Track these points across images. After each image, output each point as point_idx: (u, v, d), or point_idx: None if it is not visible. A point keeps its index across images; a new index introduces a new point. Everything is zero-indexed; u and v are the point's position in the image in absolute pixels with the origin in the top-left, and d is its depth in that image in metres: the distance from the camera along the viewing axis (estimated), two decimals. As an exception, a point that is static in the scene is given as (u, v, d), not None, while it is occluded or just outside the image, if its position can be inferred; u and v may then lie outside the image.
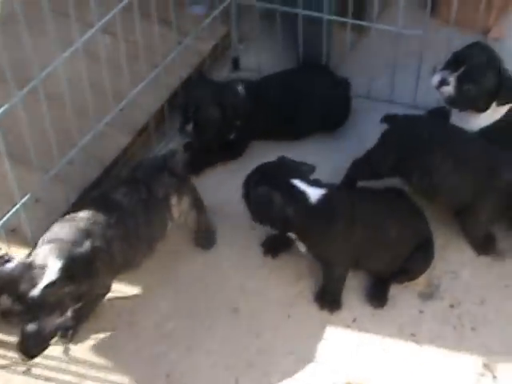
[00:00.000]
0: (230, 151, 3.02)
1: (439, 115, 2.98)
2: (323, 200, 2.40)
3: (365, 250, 2.50)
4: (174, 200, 2.46)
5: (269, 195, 2.38)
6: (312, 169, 2.50)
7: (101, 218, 2.29)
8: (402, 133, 2.66)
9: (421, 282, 2.59)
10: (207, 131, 2.90)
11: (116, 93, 2.75)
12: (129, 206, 2.35)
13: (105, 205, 2.35)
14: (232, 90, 2.92)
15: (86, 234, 2.24)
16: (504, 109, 2.73)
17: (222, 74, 3.33)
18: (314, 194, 2.40)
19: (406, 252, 2.53)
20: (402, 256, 2.53)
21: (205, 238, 2.72)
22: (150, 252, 2.46)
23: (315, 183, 2.44)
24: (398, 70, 3.14)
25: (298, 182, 2.41)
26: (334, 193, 2.46)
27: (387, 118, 2.73)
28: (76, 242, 2.20)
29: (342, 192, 2.54)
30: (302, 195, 2.39)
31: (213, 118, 2.87)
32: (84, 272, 2.18)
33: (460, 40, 2.86)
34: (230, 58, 3.39)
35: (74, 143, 2.63)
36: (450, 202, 2.65)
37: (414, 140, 2.62)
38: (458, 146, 2.61)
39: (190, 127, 2.88)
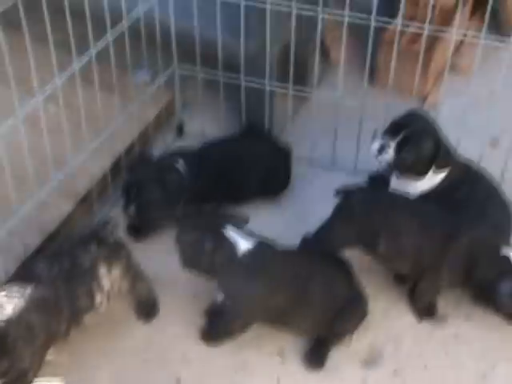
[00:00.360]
0: (177, 217, 3.02)
1: (379, 180, 3.05)
2: (250, 253, 2.46)
3: (288, 309, 2.50)
4: (102, 270, 2.44)
5: (200, 240, 2.44)
6: (245, 220, 2.55)
7: (17, 290, 2.27)
8: (363, 204, 2.67)
9: (364, 348, 2.60)
10: (149, 212, 2.93)
11: (59, 160, 2.75)
12: (48, 277, 2.33)
13: (23, 277, 2.34)
14: (172, 169, 2.93)
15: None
16: (441, 174, 2.80)
17: (167, 139, 3.36)
18: (243, 244, 2.46)
19: (332, 311, 2.52)
20: (328, 315, 2.53)
21: (146, 307, 2.68)
22: (77, 323, 2.42)
23: (247, 235, 2.50)
24: (339, 136, 3.21)
25: (229, 231, 2.47)
26: (262, 248, 2.50)
27: (342, 192, 2.72)
28: None
29: (269, 248, 2.56)
30: (232, 244, 2.46)
31: (153, 199, 2.90)
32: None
33: (398, 106, 2.95)
34: (174, 123, 3.41)
35: (13, 212, 2.60)
36: (411, 266, 2.66)
37: (378, 209, 2.65)
38: (419, 212, 2.67)
39: (132, 209, 2.93)
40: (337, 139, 3.20)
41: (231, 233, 2.47)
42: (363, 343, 2.61)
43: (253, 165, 3.04)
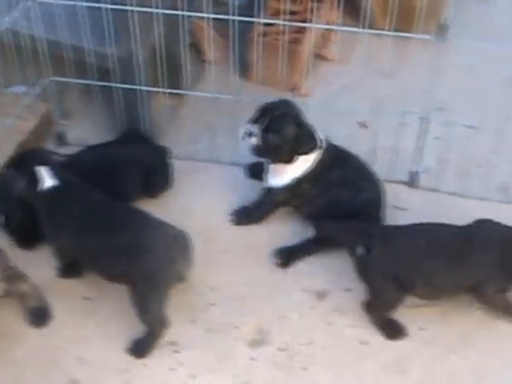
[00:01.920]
0: None
1: (256, 170, 3.18)
2: (51, 191, 2.68)
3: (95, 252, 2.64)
4: None
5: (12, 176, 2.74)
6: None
7: None
8: (396, 249, 2.65)
9: (251, 330, 2.71)
10: (18, 226, 2.96)
11: None
12: None
13: None
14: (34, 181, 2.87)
15: None
16: (311, 158, 2.93)
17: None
18: (48, 182, 2.68)
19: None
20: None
21: (36, 314, 2.71)
22: None
23: (59, 175, 2.70)
24: (218, 131, 3.32)
25: (41, 169, 2.69)
26: (66, 186, 2.71)
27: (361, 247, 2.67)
28: None
29: (76, 188, 2.74)
30: (37, 180, 2.67)
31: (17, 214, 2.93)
32: None
33: (271, 98, 3.07)
34: (55, 133, 3.44)
35: None
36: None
37: (409, 251, 2.64)
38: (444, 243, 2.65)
39: (2, 219, 2.98)
40: (215, 134, 3.30)
41: (42, 170, 2.68)
42: (250, 324, 2.72)
43: (129, 168, 3.06)
